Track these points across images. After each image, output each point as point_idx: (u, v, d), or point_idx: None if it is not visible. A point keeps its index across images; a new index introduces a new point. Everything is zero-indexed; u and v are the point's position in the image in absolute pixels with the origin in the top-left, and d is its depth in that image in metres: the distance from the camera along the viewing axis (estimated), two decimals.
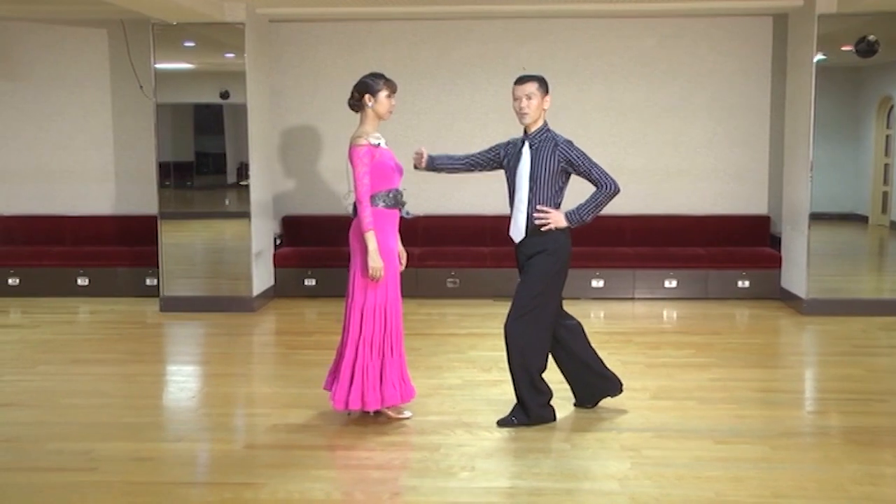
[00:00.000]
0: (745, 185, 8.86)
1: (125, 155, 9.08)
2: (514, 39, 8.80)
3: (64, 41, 9.00)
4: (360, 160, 4.73)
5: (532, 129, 4.81)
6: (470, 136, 8.85)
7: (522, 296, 4.80)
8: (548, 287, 4.79)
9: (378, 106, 4.86)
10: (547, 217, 4.75)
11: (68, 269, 8.70)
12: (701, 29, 8.70)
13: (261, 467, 4.35)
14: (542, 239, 4.78)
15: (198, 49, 8.31)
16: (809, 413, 5.34)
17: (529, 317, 4.77)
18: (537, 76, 4.84)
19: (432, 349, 6.61)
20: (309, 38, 8.92)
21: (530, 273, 4.81)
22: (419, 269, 8.48)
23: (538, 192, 4.77)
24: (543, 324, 4.81)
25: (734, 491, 4.01)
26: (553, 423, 4.92)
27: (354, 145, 4.76)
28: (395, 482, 4.16)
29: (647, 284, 8.48)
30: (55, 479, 4.21)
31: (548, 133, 4.80)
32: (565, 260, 4.85)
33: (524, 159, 4.79)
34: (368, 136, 4.78)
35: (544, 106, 4.80)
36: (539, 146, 4.77)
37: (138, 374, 6.12)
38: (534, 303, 4.77)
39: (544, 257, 4.77)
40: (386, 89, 4.88)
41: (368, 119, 4.86)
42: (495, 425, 4.88)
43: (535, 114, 4.77)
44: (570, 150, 4.73)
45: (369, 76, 4.91)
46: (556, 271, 4.81)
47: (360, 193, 4.74)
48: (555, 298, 4.86)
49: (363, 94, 4.85)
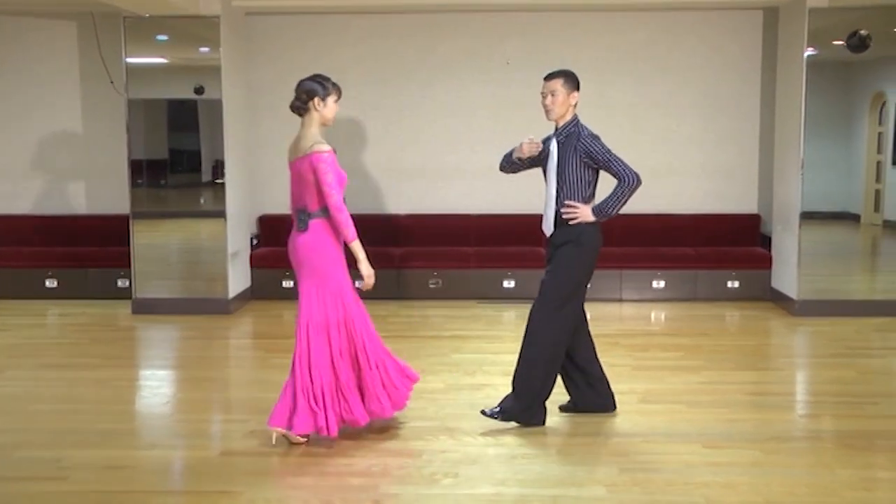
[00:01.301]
0: (735, 183, 8.91)
1: (96, 152, 9.02)
2: (500, 33, 8.81)
3: (31, 34, 8.92)
4: (331, 166, 4.62)
5: (560, 125, 4.95)
6: (455, 132, 8.86)
7: (549, 287, 4.89)
8: (573, 279, 4.89)
9: (326, 111, 4.75)
10: (574, 212, 4.85)
11: (37, 270, 8.63)
12: (690, 23, 8.74)
13: (238, 475, 4.34)
14: (570, 231, 4.90)
15: (171, 43, 8.27)
16: (801, 416, 5.38)
17: (555, 309, 4.85)
18: (564, 71, 4.98)
19: (415, 352, 6.60)
20: (287, 31, 8.89)
21: (557, 265, 4.90)
22: (401, 269, 8.48)
23: (566, 187, 4.90)
24: (567, 317, 4.89)
25: (725, 497, 4.03)
26: (541, 426, 4.92)
27: (318, 152, 4.62)
28: (375, 490, 4.15)
29: (635, 285, 8.51)
30: (24, 489, 4.18)
31: (575, 128, 4.93)
32: (593, 254, 4.95)
33: (552, 155, 4.95)
34: (324, 142, 4.67)
35: (570, 101, 4.94)
36: (565, 141, 4.91)
37: (110, 378, 6.08)
38: (559, 294, 4.86)
39: (571, 248, 4.88)
40: (335, 93, 4.79)
41: (314, 124, 4.74)
42: (479, 426, 4.88)
43: (559, 110, 4.91)
44: (591, 144, 4.86)
45: (316, 79, 4.78)
46: (582, 263, 4.91)
47: (337, 201, 4.63)
48: (580, 292, 4.96)
49: (311, 98, 4.72)
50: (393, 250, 8.55)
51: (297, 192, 4.79)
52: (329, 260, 4.74)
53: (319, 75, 4.83)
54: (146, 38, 8.04)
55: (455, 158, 8.88)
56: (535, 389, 4.87)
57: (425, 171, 8.91)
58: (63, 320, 8.02)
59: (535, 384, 4.87)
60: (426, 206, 8.97)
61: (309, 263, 4.75)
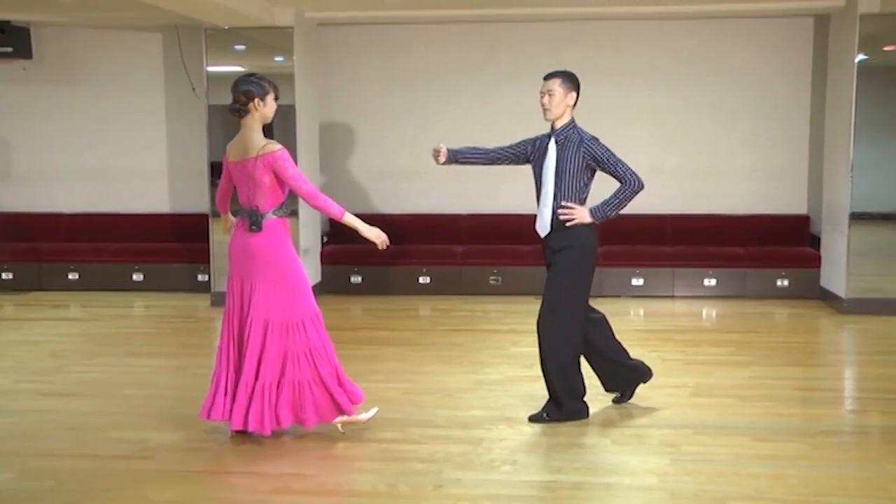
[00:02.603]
0: (786, 185, 8.74)
1: (178, 155, 9.21)
2: (556, 41, 8.76)
3: (121, 46, 9.14)
4: (290, 161, 4.46)
5: (558, 126, 4.80)
6: (513, 134, 8.74)
7: (552, 292, 4.80)
8: (576, 282, 4.78)
9: (266, 110, 4.53)
10: (572, 213, 4.72)
11: (125, 264, 8.84)
12: (742, 30, 8.59)
13: (309, 458, 4.39)
14: (567, 234, 4.75)
15: (248, 52, 8.41)
16: (849, 412, 5.27)
17: (560, 312, 4.76)
18: (562, 72, 4.83)
19: (474, 345, 6.62)
20: (355, 40, 8.96)
21: (558, 269, 4.80)
22: (462, 267, 8.49)
23: (563, 188, 4.75)
24: (574, 319, 4.80)
25: (774, 488, 3.96)
26: (586, 419, 4.88)
27: (270, 152, 4.42)
28: (438, 475, 4.17)
29: (687, 283, 8.41)
30: (113, 466, 4.30)
31: (574, 129, 4.77)
32: (592, 255, 4.83)
33: (550, 155, 4.78)
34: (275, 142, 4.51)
35: (568, 102, 4.77)
36: (564, 142, 4.76)
37: (190, 366, 6.21)
38: (564, 298, 4.76)
39: (570, 253, 4.76)
40: (273, 91, 4.57)
41: (256, 124, 4.52)
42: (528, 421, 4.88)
43: (557, 110, 4.76)
44: (595, 147, 4.70)
45: (251, 80, 4.54)
46: (582, 266, 4.80)
47: (309, 189, 4.49)
48: (584, 293, 4.84)
49: (251, 99, 4.48)
50: (455, 248, 8.57)
51: (246, 193, 4.55)
52: (289, 258, 4.60)
53: (253, 75, 4.60)
54: (225, 48, 8.18)
55: None
56: (567, 391, 4.82)
57: (485, 172, 8.87)
58: (148, 311, 8.20)
59: (564, 387, 4.81)
60: (486, 207, 8.96)
61: (266, 263, 4.54)
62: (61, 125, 9.29)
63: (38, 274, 8.89)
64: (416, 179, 8.98)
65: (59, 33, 9.14)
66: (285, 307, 4.55)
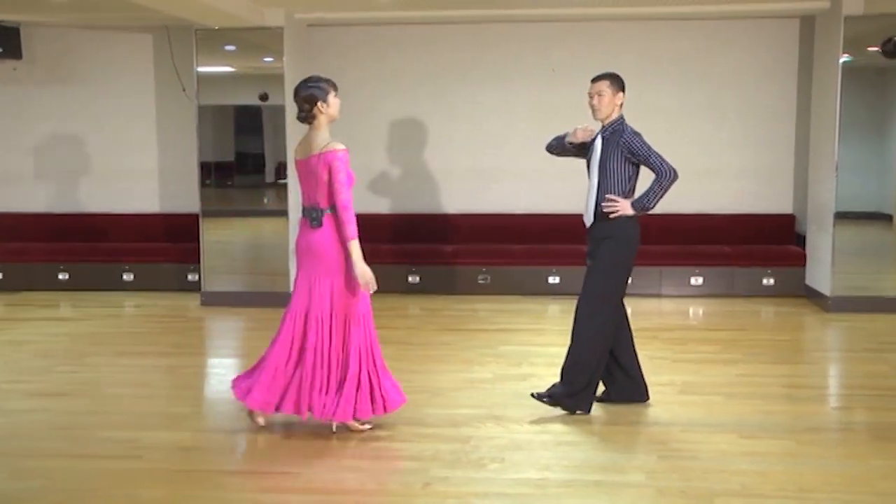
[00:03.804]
0: (771, 184, 8.76)
1: (169, 155, 9.16)
2: (546, 42, 8.76)
3: (112, 47, 9.09)
4: (345, 166, 4.53)
5: (606, 122, 4.97)
6: (503, 135, 8.83)
7: (592, 280, 4.93)
8: (615, 271, 4.93)
9: (331, 109, 4.63)
10: (614, 205, 4.86)
11: (115, 264, 8.79)
12: (730, 32, 8.61)
13: (298, 457, 4.38)
14: (609, 225, 4.90)
15: (238, 53, 8.38)
16: (835, 409, 5.28)
17: (597, 301, 4.88)
18: (609, 74, 5.04)
19: (463, 344, 6.61)
20: (345, 41, 8.94)
21: (599, 260, 4.93)
22: (452, 266, 8.48)
23: (606, 180, 4.92)
24: (609, 308, 4.90)
25: (760, 485, 3.97)
26: (586, 414, 4.89)
27: (333, 150, 4.51)
28: (426, 473, 4.16)
29: (674, 282, 8.42)
30: (104, 466, 4.27)
31: (620, 125, 4.95)
32: (633, 246, 4.97)
33: (596, 149, 4.97)
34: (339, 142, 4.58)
35: (616, 102, 4.96)
36: (610, 137, 4.93)
37: (181, 366, 6.18)
38: (602, 286, 4.89)
39: (611, 244, 4.89)
40: (332, 90, 4.65)
41: (324, 125, 4.62)
42: (525, 414, 4.87)
43: (606, 110, 4.94)
44: (632, 140, 4.87)
45: (310, 85, 4.61)
46: (622, 257, 4.93)
47: (346, 200, 4.52)
48: (622, 284, 4.97)
49: (314, 104, 4.58)
50: (445, 248, 8.56)
51: (308, 190, 4.66)
52: (345, 254, 4.60)
53: (311, 78, 4.66)
54: (215, 49, 8.15)
55: (502, 161, 8.83)
56: (583, 379, 4.86)
57: (475, 172, 8.89)
58: (138, 311, 8.16)
59: (582, 375, 4.85)
60: (475, 206, 8.95)
61: (325, 259, 4.60)
62: (51, 125, 9.24)
63: (28, 274, 8.82)
64: (405, 179, 8.96)
65: (49, 34, 9.09)
66: (346, 302, 4.60)
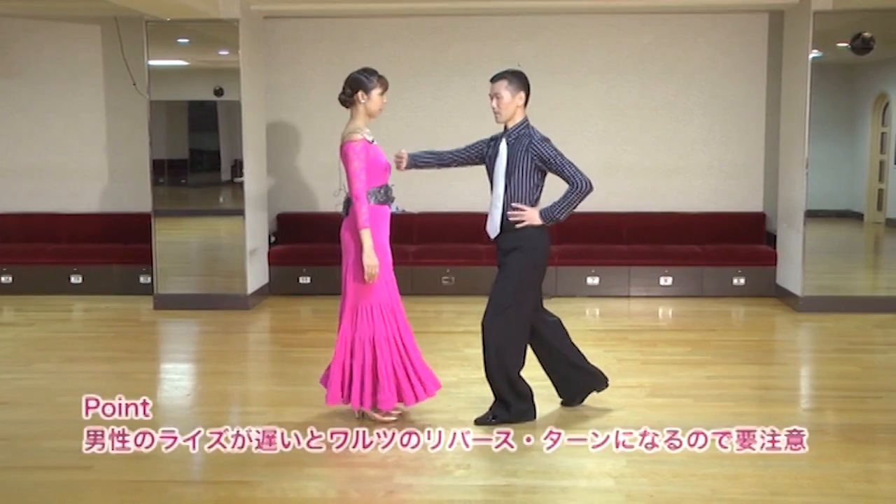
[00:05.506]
0: (741, 182, 8.87)
1: (119, 152, 9.06)
2: (510, 36, 8.80)
3: (58, 38, 8.97)
4: (357, 155, 4.70)
5: (510, 126, 4.82)
6: (466, 130, 8.78)
7: (499, 292, 4.82)
8: (524, 284, 4.79)
9: (371, 104, 4.83)
10: (522, 215, 4.75)
11: (62, 266, 8.67)
12: (698, 26, 8.70)
13: (256, 465, 4.35)
14: (517, 235, 4.78)
15: (192, 46, 8.30)
16: (806, 410, 5.36)
17: (506, 314, 4.78)
18: (508, 72, 4.85)
19: (428, 347, 6.57)
20: (303, 34, 8.90)
21: (506, 270, 4.82)
22: (414, 266, 8.48)
23: (513, 189, 4.77)
24: (521, 321, 4.82)
25: (730, 488, 4.02)
26: (534, 420, 4.91)
27: (349, 140, 4.72)
28: (389, 480, 4.16)
29: (643, 282, 8.49)
30: (51, 478, 4.21)
31: (525, 129, 4.79)
32: (542, 257, 4.86)
33: (501, 155, 4.80)
34: (361, 131, 4.76)
35: (517, 103, 4.79)
36: (515, 143, 4.78)
37: (133, 371, 6.12)
38: (510, 300, 4.78)
39: (520, 254, 4.78)
40: (379, 87, 4.86)
41: (360, 116, 4.83)
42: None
43: (506, 112, 4.79)
44: (544, 148, 4.71)
45: (363, 72, 4.88)
46: (531, 268, 4.82)
47: (358, 189, 4.70)
48: (532, 295, 4.85)
49: (356, 91, 4.82)
50: (407, 247, 8.56)
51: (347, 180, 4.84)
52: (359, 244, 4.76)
53: (367, 69, 4.92)
54: (168, 42, 8.06)
55: None
56: (513, 392, 4.86)
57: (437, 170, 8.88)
58: (87, 315, 8.06)
59: (510, 389, 4.85)
60: (439, 205, 8.96)
61: (346, 248, 4.86)
62: None
63: None
64: None
65: None
66: (357, 292, 4.81)
